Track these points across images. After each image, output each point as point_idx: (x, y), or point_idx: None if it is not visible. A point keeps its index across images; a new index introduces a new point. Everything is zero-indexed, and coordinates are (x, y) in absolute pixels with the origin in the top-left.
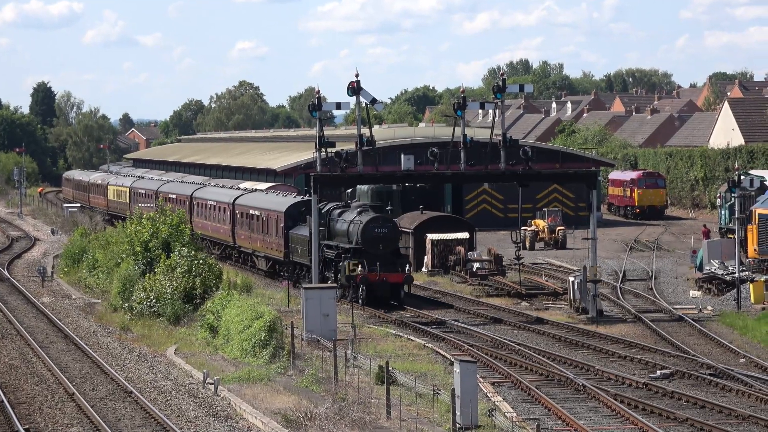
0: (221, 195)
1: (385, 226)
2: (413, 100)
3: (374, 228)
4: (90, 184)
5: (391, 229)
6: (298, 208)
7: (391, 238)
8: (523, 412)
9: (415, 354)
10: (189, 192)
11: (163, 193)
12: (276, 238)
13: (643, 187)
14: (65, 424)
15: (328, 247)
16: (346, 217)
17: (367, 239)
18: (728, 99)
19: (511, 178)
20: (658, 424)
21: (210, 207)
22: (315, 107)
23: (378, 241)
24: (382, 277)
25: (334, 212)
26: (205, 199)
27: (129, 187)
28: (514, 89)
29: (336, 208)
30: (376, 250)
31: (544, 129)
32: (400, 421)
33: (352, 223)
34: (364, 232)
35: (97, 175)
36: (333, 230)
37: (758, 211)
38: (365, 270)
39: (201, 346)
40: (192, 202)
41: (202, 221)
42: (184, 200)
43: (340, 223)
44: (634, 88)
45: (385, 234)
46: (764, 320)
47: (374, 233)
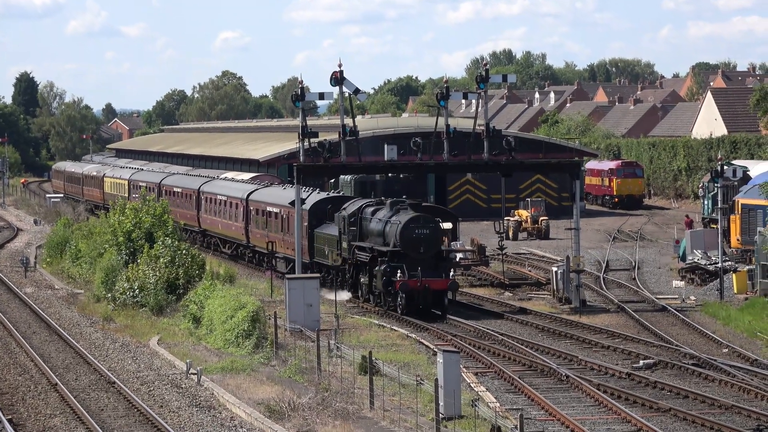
0: (233, 190)
1: (426, 227)
2: (396, 91)
3: (414, 228)
4: (84, 176)
5: (434, 229)
6: (323, 205)
7: (433, 239)
8: (506, 402)
9: (398, 344)
10: (196, 186)
11: (167, 186)
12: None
13: (622, 177)
14: (48, 414)
15: (360, 249)
16: (381, 216)
17: (407, 241)
18: (711, 89)
19: (494, 168)
20: (640, 413)
21: (220, 202)
22: (298, 97)
23: (419, 243)
24: (423, 284)
25: (367, 210)
26: (215, 194)
27: (128, 180)
28: (497, 79)
29: (368, 206)
30: (416, 253)
31: (527, 119)
32: (383, 411)
33: (389, 222)
34: (404, 233)
35: (91, 167)
36: (365, 230)
37: (741, 201)
38: (405, 275)
39: (184, 336)
40: (199, 196)
41: (211, 217)
42: (191, 194)
43: (374, 222)
44: (617, 78)
45: (426, 235)
46: (747, 310)
47: (415, 234)
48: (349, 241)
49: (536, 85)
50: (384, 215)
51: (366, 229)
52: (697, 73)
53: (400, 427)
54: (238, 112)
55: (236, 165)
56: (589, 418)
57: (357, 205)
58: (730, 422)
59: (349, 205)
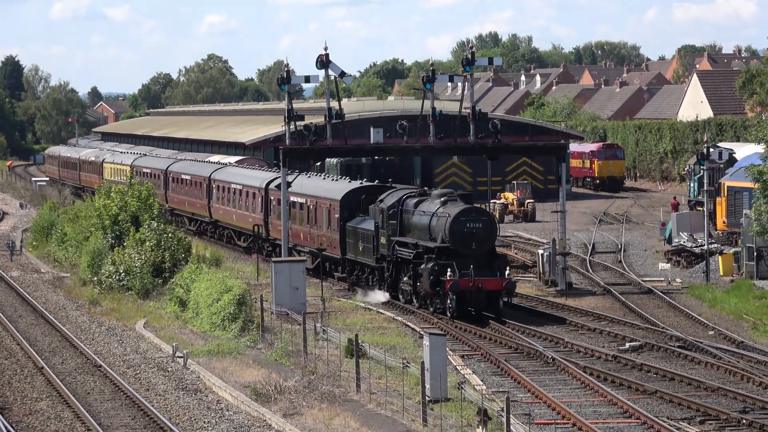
0: (249, 178)
1: (479, 220)
2: (382, 74)
3: (466, 222)
4: (81, 161)
5: (487, 223)
6: (356, 196)
7: (487, 234)
8: (492, 385)
9: (384, 327)
10: (207, 173)
11: (174, 173)
12: (327, 231)
13: (603, 159)
14: (34, 398)
15: (401, 244)
16: (426, 208)
17: (457, 236)
18: (697, 72)
19: (480, 151)
20: (627, 396)
21: (235, 191)
22: (284, 81)
23: (471, 239)
24: (476, 284)
25: (409, 201)
26: (228, 182)
27: (130, 165)
28: (483, 62)
29: (410, 197)
30: (468, 249)
31: (513, 102)
32: (369, 394)
33: (436, 215)
34: (454, 228)
35: (89, 152)
36: (408, 224)
37: (727, 183)
38: (455, 275)
39: (170, 319)
40: (211, 184)
41: (224, 207)
42: (201, 182)
43: (417, 215)
44: (603, 61)
45: (479, 230)
46: (733, 292)
47: (466, 229)
48: (389, 236)
49: (522, 68)
50: (429, 207)
51: (408, 223)
52: (683, 55)
53: (386, 410)
54: (223, 96)
55: (222, 148)
56: (576, 401)
57: (396, 196)
58: (716, 404)
59: (386, 196)
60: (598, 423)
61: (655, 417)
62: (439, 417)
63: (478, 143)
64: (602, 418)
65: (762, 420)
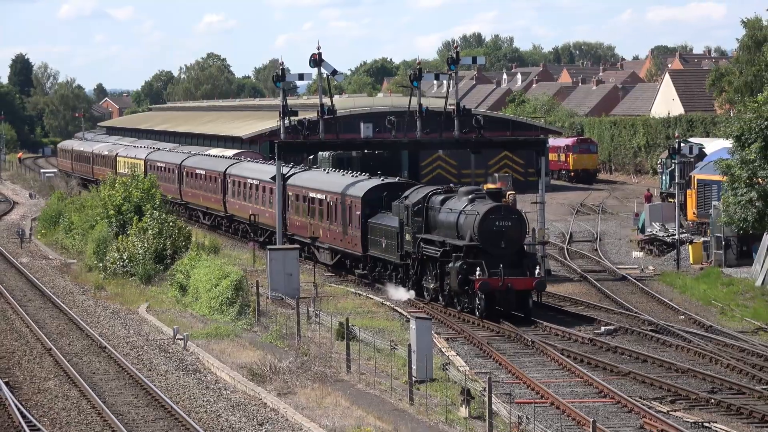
0: (266, 174)
1: (508, 218)
2: (372, 72)
3: (495, 220)
4: (94, 155)
5: (516, 221)
6: (378, 193)
7: (516, 232)
8: (475, 366)
9: (373, 311)
10: (222, 168)
11: (188, 167)
12: (349, 228)
13: (577, 153)
14: (43, 377)
15: (427, 242)
16: (453, 206)
17: (486, 235)
18: (669, 71)
19: (464, 145)
20: (602, 377)
21: (251, 186)
22: (279, 78)
23: (500, 237)
24: (506, 284)
25: (434, 199)
26: (244, 177)
27: (144, 160)
28: (467, 61)
29: (436, 193)
30: (497, 248)
31: (495, 99)
32: (359, 375)
33: (464, 213)
34: (483, 226)
35: (101, 146)
36: (434, 221)
37: (697, 176)
38: (485, 274)
39: (171, 303)
40: (226, 179)
41: (240, 202)
42: (216, 177)
43: (444, 213)
44: (581, 60)
45: (508, 228)
46: (702, 279)
47: (495, 227)
48: (414, 233)
49: (504, 66)
50: (456, 205)
51: (434, 220)
52: (656, 55)
53: (375, 390)
54: (222, 92)
55: (220, 142)
56: (554, 381)
57: (422, 193)
58: (686, 385)
59: (411, 193)
60: (574, 402)
61: (629, 397)
62: (425, 396)
63: (462, 138)
64: (579, 397)
65: (729, 400)
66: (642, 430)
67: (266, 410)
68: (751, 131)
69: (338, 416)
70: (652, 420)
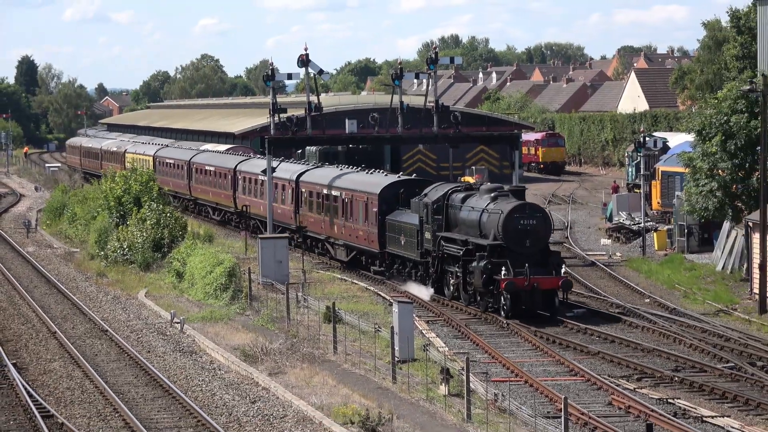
0: (278, 170)
1: (533, 216)
2: (356, 71)
3: (519, 219)
4: (103, 152)
5: (541, 219)
6: (394, 190)
7: (541, 231)
8: (454, 347)
9: (358, 296)
10: (232, 165)
11: (197, 164)
12: (364, 225)
13: (546, 146)
14: (48, 359)
15: (448, 240)
16: (476, 204)
17: (511, 233)
18: (635, 69)
19: (443, 139)
20: (572, 356)
21: (263, 183)
22: (269, 77)
23: (525, 236)
24: (532, 283)
25: (455, 196)
26: (256, 174)
27: (153, 156)
28: (445, 61)
29: (456, 191)
30: (521, 247)
31: (471, 96)
32: (345, 355)
33: (487, 211)
34: (507, 224)
35: (110, 142)
36: (455, 219)
37: (661, 168)
38: (510, 273)
39: (168, 289)
40: (236, 176)
41: (251, 198)
42: (226, 173)
43: (465, 211)
44: (552, 60)
45: (533, 226)
46: (666, 265)
47: (520, 226)
48: (434, 231)
49: (480, 66)
50: (478, 203)
51: (454, 219)
52: (622, 55)
53: (360, 369)
54: (215, 91)
55: (214, 138)
56: (527, 361)
57: (442, 191)
58: (652, 364)
59: (431, 191)
60: (547, 380)
61: (598, 375)
62: (407, 375)
63: (441, 133)
64: (551, 375)
65: (692, 378)
66: (610, 407)
67: (258, 389)
68: (712, 126)
69: (325, 394)
70: (620, 397)
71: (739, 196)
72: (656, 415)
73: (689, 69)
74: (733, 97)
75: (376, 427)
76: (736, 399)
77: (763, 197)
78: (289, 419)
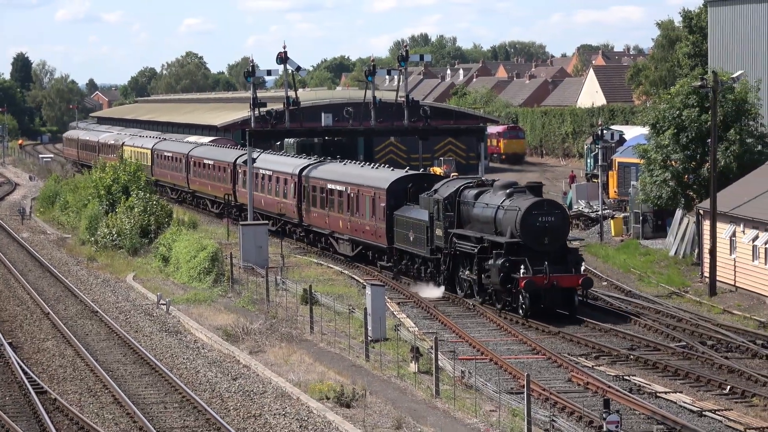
0: (281, 165)
1: (552, 213)
2: (331, 68)
3: (538, 216)
4: (100, 144)
5: (560, 216)
6: (403, 184)
7: (560, 228)
8: (423, 327)
9: (333, 279)
10: (232, 159)
11: (196, 157)
12: (371, 220)
13: (508, 138)
14: (42, 338)
15: (460, 237)
16: (490, 200)
17: (529, 231)
18: (593, 67)
19: (413, 132)
20: (534, 336)
21: (264, 177)
22: (249, 73)
23: (543, 234)
24: (552, 281)
25: (467, 193)
26: (257, 168)
27: (151, 149)
28: (415, 59)
29: (468, 187)
30: (540, 245)
31: (440, 92)
32: (321, 335)
33: (502, 208)
34: (526, 222)
35: (107, 135)
36: (467, 216)
37: (618, 159)
38: (529, 272)
39: (155, 273)
40: (236, 170)
41: (254, 193)
42: (226, 167)
43: (478, 207)
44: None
45: (552, 223)
46: (622, 250)
47: (538, 223)
48: (445, 227)
49: (448, 63)
50: (493, 199)
51: (467, 215)
52: (581, 53)
53: (335, 348)
54: (199, 86)
55: (198, 130)
56: (492, 340)
57: (453, 187)
58: (609, 343)
59: (441, 187)
60: (510, 359)
61: (558, 353)
62: (379, 354)
63: (411, 126)
64: (514, 354)
65: (646, 356)
66: (570, 383)
67: (239, 366)
68: (665, 119)
69: (303, 371)
70: (579, 374)
71: (690, 185)
72: (613, 391)
73: (644, 66)
74: (685, 92)
75: (350, 402)
76: (688, 376)
77: (713, 187)
78: (269, 395)
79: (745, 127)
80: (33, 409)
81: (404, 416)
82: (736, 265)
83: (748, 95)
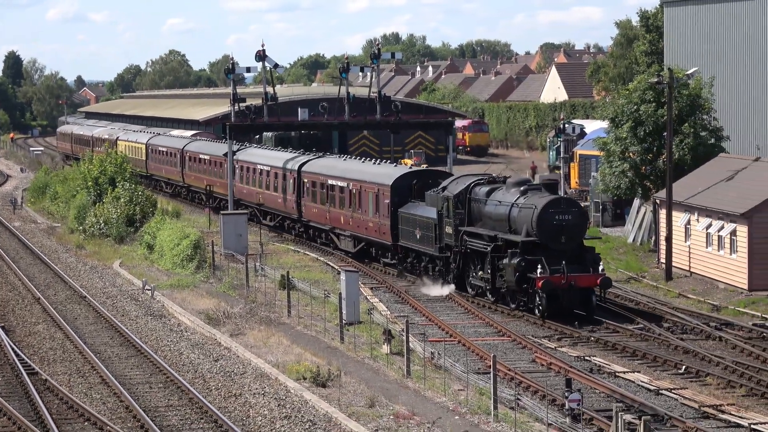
0: (280, 160)
1: (569, 211)
2: (308, 65)
3: (555, 214)
4: (94, 139)
5: (577, 214)
6: (408, 181)
7: (577, 226)
8: (395, 311)
9: (310, 265)
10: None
11: (191, 152)
12: (375, 217)
13: (472, 132)
14: (33, 322)
15: (472, 235)
16: (503, 198)
17: (546, 229)
18: (555, 64)
19: (385, 126)
20: (500, 319)
21: (261, 172)
22: (230, 70)
23: (560, 232)
24: (570, 281)
25: (478, 190)
26: (254, 164)
27: (145, 144)
28: (387, 56)
29: (479, 184)
30: (557, 243)
31: (410, 88)
32: (298, 318)
33: (517, 206)
34: (542, 220)
35: (101, 130)
36: (478, 213)
37: (579, 152)
38: (546, 271)
39: (140, 260)
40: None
41: (248, 187)
42: (222, 162)
43: (491, 205)
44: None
45: (569, 221)
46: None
47: (555, 221)
48: (455, 225)
49: (418, 60)
50: (506, 197)
51: (478, 213)
52: (544, 51)
53: (311, 331)
54: (182, 83)
55: (181, 124)
56: (460, 323)
57: (463, 184)
58: (570, 325)
59: (450, 183)
60: (478, 340)
61: (523, 335)
62: (353, 336)
63: (383, 120)
64: (481, 336)
65: (606, 338)
66: (534, 363)
67: (221, 348)
68: (624, 114)
69: (281, 353)
70: (542, 354)
71: (647, 176)
72: (574, 371)
73: (603, 63)
74: (642, 88)
75: (326, 382)
76: (645, 357)
77: (669, 177)
78: (249, 375)
79: (699, 122)
80: (25, 389)
81: (377, 395)
82: (691, 251)
83: (702, 91)
